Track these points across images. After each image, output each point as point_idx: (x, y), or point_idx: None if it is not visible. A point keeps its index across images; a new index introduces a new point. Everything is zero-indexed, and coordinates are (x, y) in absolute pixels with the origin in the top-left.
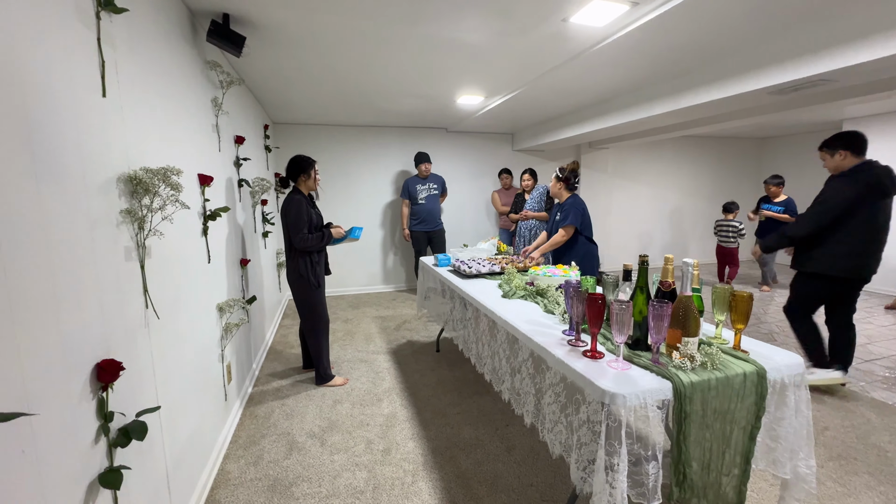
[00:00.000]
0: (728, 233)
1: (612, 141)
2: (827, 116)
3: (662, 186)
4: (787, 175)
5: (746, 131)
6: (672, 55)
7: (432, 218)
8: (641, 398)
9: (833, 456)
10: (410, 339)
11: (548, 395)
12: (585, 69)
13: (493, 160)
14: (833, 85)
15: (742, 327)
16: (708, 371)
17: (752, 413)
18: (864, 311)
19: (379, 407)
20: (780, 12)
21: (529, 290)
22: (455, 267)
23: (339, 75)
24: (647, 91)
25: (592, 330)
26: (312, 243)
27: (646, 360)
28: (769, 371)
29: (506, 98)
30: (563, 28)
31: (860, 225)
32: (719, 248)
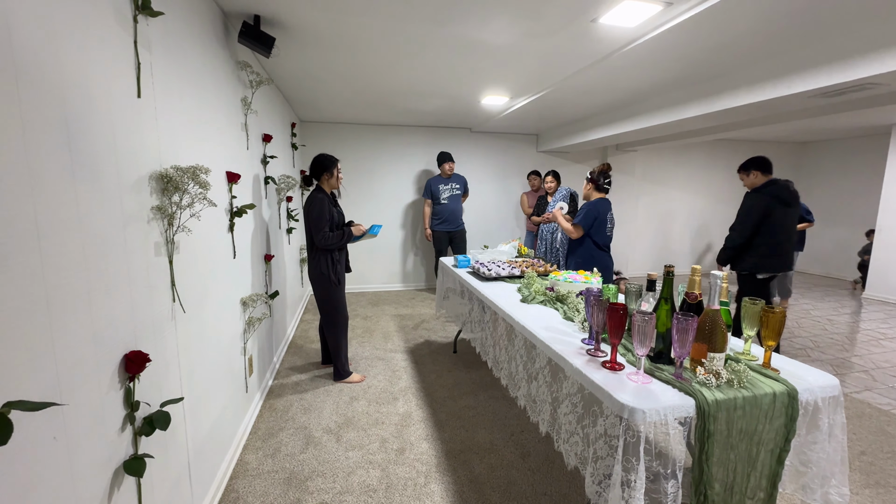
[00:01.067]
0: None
1: (640, 143)
2: (874, 121)
3: (692, 191)
4: (830, 180)
5: (785, 135)
6: (707, 56)
7: (454, 218)
8: (662, 414)
9: (870, 483)
10: (428, 338)
11: (564, 405)
12: (614, 70)
13: (518, 161)
14: (879, 89)
15: (773, 344)
16: (734, 389)
17: (780, 435)
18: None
19: (395, 406)
20: (823, 14)
21: (549, 296)
22: (474, 269)
23: (366, 75)
24: (680, 93)
25: (613, 340)
26: (333, 241)
27: (668, 374)
28: (801, 392)
29: (531, 99)
30: (591, 29)
31: (774, 228)
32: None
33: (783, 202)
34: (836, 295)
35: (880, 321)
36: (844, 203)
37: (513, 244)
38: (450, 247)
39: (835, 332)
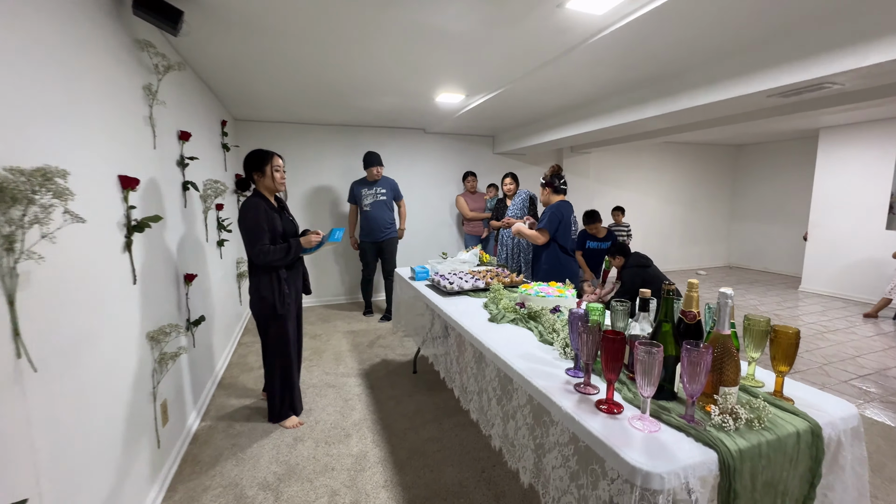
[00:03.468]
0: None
1: (593, 145)
2: (804, 125)
3: (643, 192)
4: (764, 180)
5: (723, 139)
6: (670, 53)
7: (378, 227)
8: (683, 477)
9: None
10: (385, 357)
11: (553, 456)
12: (577, 67)
13: (474, 163)
14: (834, 89)
15: (786, 370)
16: (756, 432)
17: (805, 481)
18: (845, 320)
19: (347, 445)
20: (784, 13)
21: (520, 313)
22: (434, 282)
23: (307, 68)
24: (640, 92)
25: (609, 377)
26: (275, 256)
27: (676, 416)
28: (824, 427)
29: (488, 97)
30: (557, 16)
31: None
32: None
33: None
34: (777, 289)
35: (819, 314)
36: (779, 201)
37: (474, 252)
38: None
39: None
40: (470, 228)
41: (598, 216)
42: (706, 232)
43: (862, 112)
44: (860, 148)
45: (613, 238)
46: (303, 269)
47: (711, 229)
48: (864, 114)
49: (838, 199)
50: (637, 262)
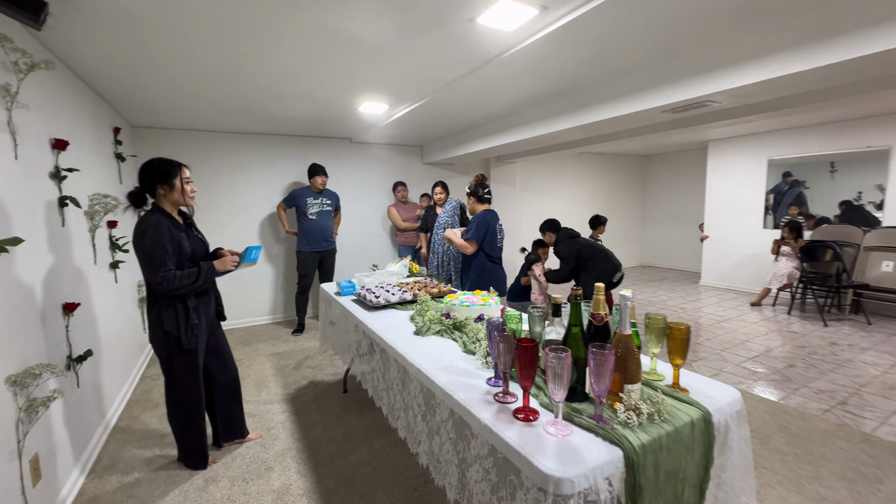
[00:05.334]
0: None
1: (518, 155)
2: (696, 138)
3: (565, 200)
4: (668, 186)
5: (632, 150)
6: (577, 69)
7: (324, 236)
8: (592, 478)
9: None
10: (313, 378)
11: (474, 470)
12: (494, 79)
13: (403, 173)
14: (715, 106)
15: (681, 363)
16: (656, 425)
17: (701, 466)
18: (736, 309)
19: (268, 480)
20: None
21: (446, 325)
22: (360, 296)
23: (213, 72)
24: (553, 106)
25: (524, 384)
26: (181, 283)
27: (586, 417)
28: (713, 413)
29: (412, 107)
30: (469, 29)
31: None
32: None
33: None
34: (682, 285)
35: (716, 305)
36: (681, 206)
37: (403, 263)
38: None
39: (688, 318)
40: (404, 239)
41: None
42: (622, 235)
43: (740, 127)
44: (740, 158)
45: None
46: (215, 293)
47: (626, 232)
48: (741, 128)
49: (726, 203)
50: (567, 234)
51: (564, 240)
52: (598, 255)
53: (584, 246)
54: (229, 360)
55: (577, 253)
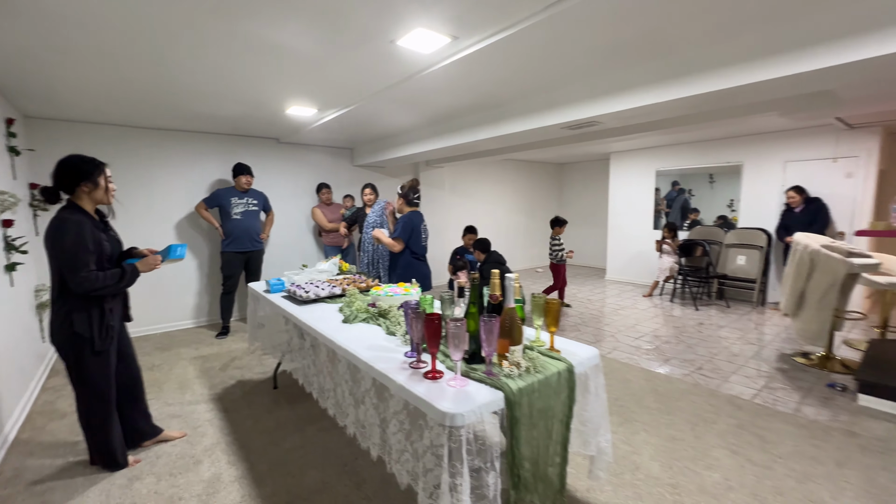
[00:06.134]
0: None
1: (447, 160)
2: (601, 150)
3: (491, 203)
4: (578, 193)
5: (549, 158)
6: (491, 88)
7: (249, 237)
8: (479, 413)
9: (623, 421)
10: (241, 378)
11: (392, 424)
12: (419, 91)
13: (333, 175)
14: (602, 126)
15: (554, 330)
16: (531, 375)
17: (566, 405)
18: (632, 299)
19: (197, 472)
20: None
21: (371, 312)
22: (290, 292)
23: (131, 68)
24: (473, 117)
25: (431, 350)
26: (104, 284)
27: (480, 372)
28: (576, 366)
29: (340, 113)
30: (391, 49)
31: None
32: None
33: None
34: (592, 279)
35: (616, 296)
36: (590, 210)
37: (333, 261)
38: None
39: (593, 308)
40: (329, 240)
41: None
42: (542, 235)
43: (634, 142)
44: (635, 168)
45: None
46: (124, 294)
47: (546, 233)
48: (635, 143)
49: (625, 207)
50: (496, 259)
51: (491, 262)
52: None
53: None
54: (133, 361)
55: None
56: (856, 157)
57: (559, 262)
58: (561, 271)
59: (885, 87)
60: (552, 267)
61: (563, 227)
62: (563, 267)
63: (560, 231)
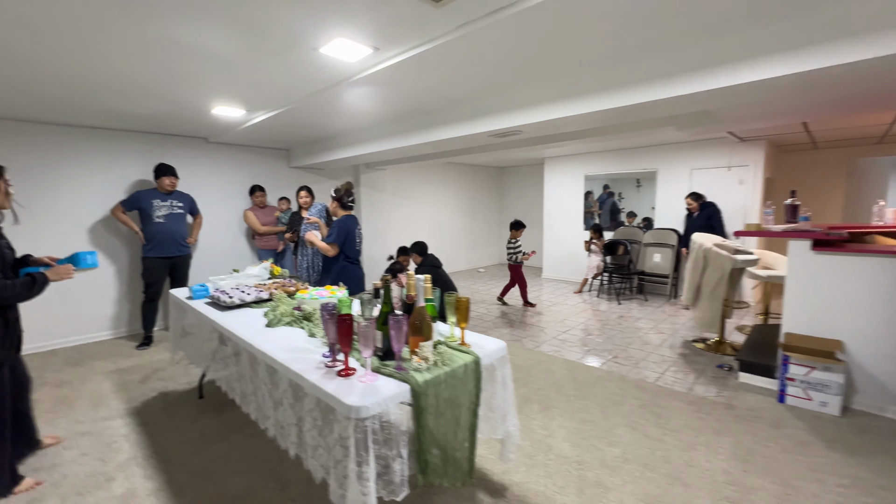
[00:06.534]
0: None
1: (388, 163)
2: (536, 155)
3: (434, 205)
4: (517, 196)
5: (489, 162)
6: (421, 96)
7: (174, 241)
8: (384, 405)
9: (544, 409)
10: (164, 390)
11: (307, 422)
12: (350, 97)
13: (268, 177)
14: (525, 135)
15: (465, 325)
16: (439, 368)
17: (473, 394)
18: (563, 296)
19: (109, 489)
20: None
21: (296, 316)
22: (214, 298)
23: (29, 59)
24: (407, 123)
25: (344, 349)
26: (14, 293)
27: (391, 368)
28: (482, 358)
29: (271, 114)
30: (315, 56)
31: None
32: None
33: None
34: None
35: (550, 293)
36: (529, 210)
37: (264, 266)
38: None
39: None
40: (263, 243)
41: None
42: (484, 237)
43: (565, 148)
44: (566, 173)
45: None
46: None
47: (488, 234)
48: (566, 149)
49: (558, 209)
50: (432, 262)
51: (428, 266)
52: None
53: (439, 278)
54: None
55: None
56: (746, 166)
57: (516, 263)
58: (518, 272)
59: (749, 110)
60: (510, 268)
61: (521, 230)
62: (520, 267)
63: (518, 234)
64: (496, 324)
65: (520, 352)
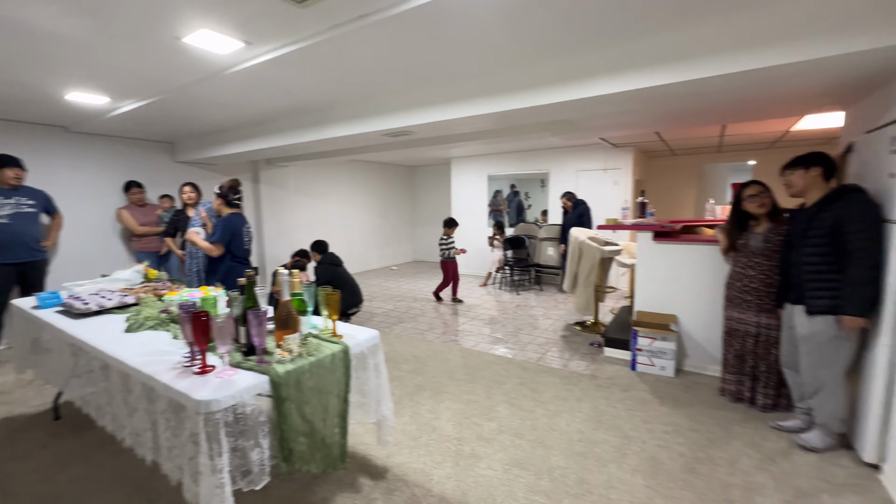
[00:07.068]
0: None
1: (290, 159)
2: (443, 154)
3: (343, 204)
4: (429, 194)
5: (400, 161)
6: (311, 94)
7: (23, 244)
8: (238, 397)
9: (433, 395)
10: (9, 415)
11: (161, 424)
12: (232, 90)
13: (148, 172)
14: (417, 135)
15: (336, 318)
16: (304, 358)
17: (342, 382)
18: (470, 290)
19: None
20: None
21: (163, 319)
22: (67, 306)
23: None
24: (302, 119)
25: (201, 347)
26: None
27: (252, 362)
28: (352, 347)
29: (143, 103)
30: (180, 46)
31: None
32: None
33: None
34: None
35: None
36: (439, 209)
37: (136, 269)
38: (19, 286)
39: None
40: (142, 245)
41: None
42: (396, 235)
43: (469, 148)
44: (471, 172)
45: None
46: None
47: (400, 233)
48: (470, 149)
49: (465, 207)
50: (331, 260)
51: (326, 264)
52: (346, 287)
53: (338, 276)
54: None
55: (330, 278)
56: (619, 168)
57: (448, 259)
58: (450, 268)
59: (604, 120)
60: (442, 264)
61: (454, 228)
62: (451, 264)
63: (451, 231)
64: (402, 318)
65: (420, 344)
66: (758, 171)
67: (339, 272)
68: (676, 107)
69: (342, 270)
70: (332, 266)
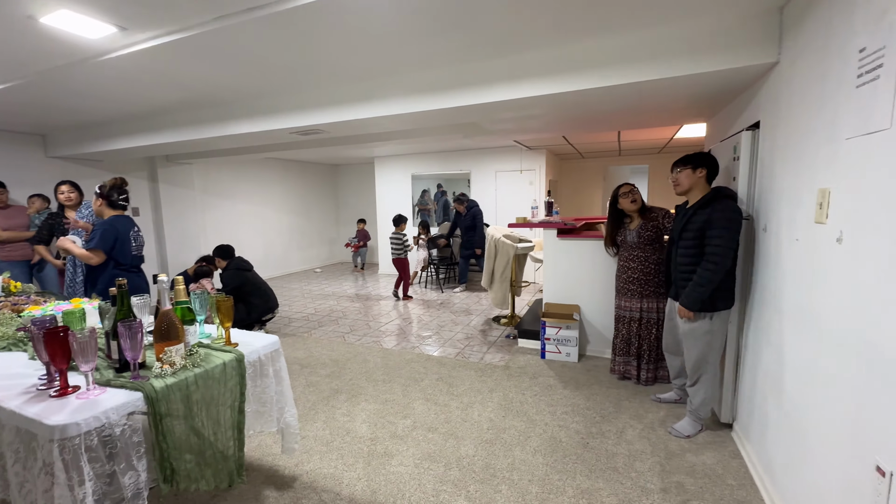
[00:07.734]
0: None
1: (193, 157)
2: (367, 154)
3: (257, 204)
4: (354, 193)
5: (321, 159)
6: (204, 87)
7: None
8: (103, 418)
9: (349, 397)
10: None
11: (9, 457)
12: (111, 78)
13: (12, 169)
14: (329, 134)
15: (228, 325)
16: (189, 370)
17: (236, 392)
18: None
19: None
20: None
21: (20, 337)
22: None
23: None
24: (201, 113)
25: (59, 367)
26: None
27: (126, 378)
28: (248, 354)
29: None
30: (35, 26)
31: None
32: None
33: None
34: (367, 274)
35: (384, 287)
36: (365, 208)
37: None
38: None
39: (358, 299)
40: (6, 253)
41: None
42: (320, 236)
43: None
44: (395, 172)
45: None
46: None
47: (324, 233)
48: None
49: (389, 207)
50: (238, 265)
51: (233, 269)
52: (257, 293)
53: (247, 281)
54: None
55: (239, 285)
56: (533, 170)
57: (403, 257)
58: (405, 266)
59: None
60: (395, 262)
61: (405, 224)
62: (406, 261)
63: (402, 228)
64: (322, 322)
65: (340, 347)
66: (651, 173)
67: (249, 277)
68: (571, 114)
69: (252, 275)
70: (241, 271)
